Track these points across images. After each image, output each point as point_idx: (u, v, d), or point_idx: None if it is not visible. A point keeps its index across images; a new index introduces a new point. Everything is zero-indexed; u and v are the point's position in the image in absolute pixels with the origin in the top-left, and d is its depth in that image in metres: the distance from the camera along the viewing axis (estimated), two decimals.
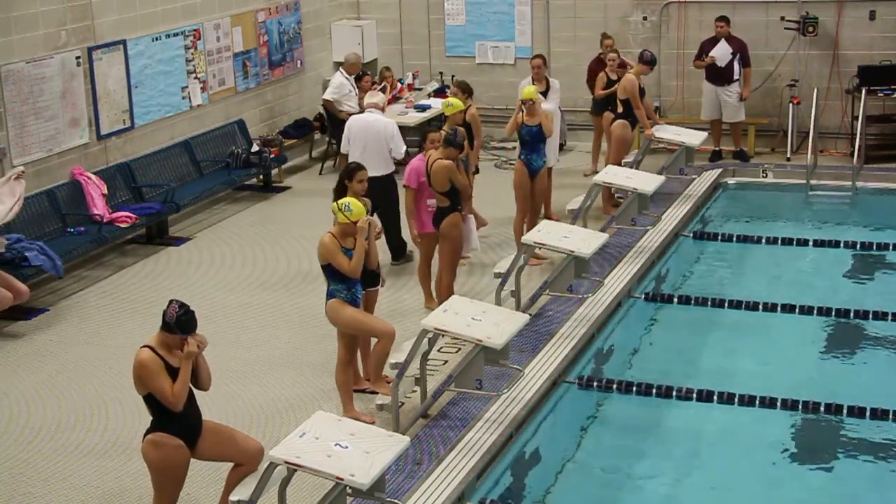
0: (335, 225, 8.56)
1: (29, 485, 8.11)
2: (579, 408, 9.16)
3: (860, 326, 10.46)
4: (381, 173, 11.72)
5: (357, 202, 8.49)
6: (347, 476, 6.51)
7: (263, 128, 15.94)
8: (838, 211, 14.32)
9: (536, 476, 8.39)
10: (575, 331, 9.95)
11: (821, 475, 8.38)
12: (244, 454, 7.11)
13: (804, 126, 15.11)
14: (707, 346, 10.46)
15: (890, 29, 15.51)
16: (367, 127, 11.98)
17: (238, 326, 10.75)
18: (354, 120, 12.30)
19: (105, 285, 11.93)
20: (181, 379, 6.82)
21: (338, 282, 8.50)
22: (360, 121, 12.17)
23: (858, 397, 8.85)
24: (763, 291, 11.18)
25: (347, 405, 8.72)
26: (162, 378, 6.79)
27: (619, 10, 16.54)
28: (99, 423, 8.96)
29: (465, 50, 17.37)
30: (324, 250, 8.45)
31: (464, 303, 8.91)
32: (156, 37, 13.79)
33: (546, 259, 11.83)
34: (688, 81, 16.22)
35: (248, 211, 14.46)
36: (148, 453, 6.93)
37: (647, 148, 13.95)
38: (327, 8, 17.42)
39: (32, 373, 9.92)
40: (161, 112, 13.94)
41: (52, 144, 12.27)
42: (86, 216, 12.25)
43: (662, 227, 12.51)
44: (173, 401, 6.79)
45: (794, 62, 15.77)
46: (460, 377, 8.58)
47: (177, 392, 6.79)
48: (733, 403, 8.88)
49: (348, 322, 8.56)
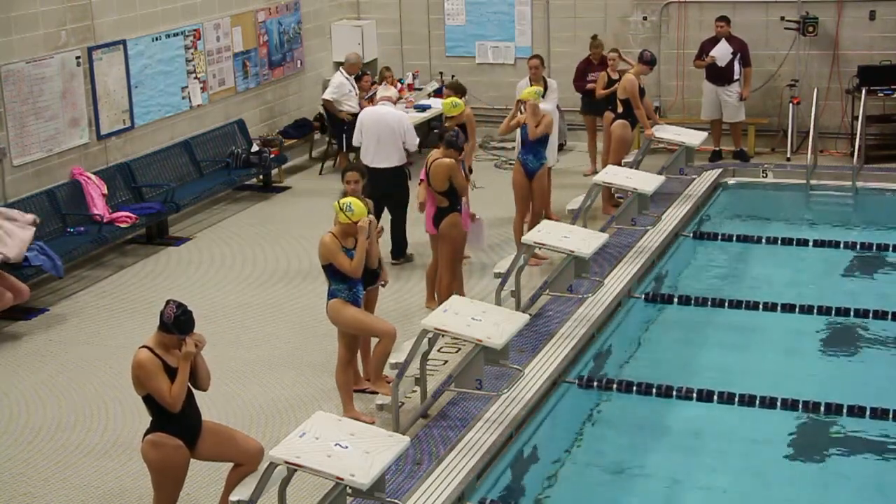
0: (336, 224, 8.56)
1: (29, 485, 8.11)
2: (579, 408, 9.16)
3: (860, 326, 10.45)
4: (393, 164, 11.93)
5: (358, 202, 8.48)
6: (347, 476, 6.51)
7: (263, 128, 15.94)
8: (838, 211, 14.31)
9: (536, 476, 8.39)
10: (575, 331, 9.95)
11: (821, 475, 8.38)
12: (244, 454, 7.11)
13: (804, 126, 15.11)
14: (707, 346, 10.46)
15: (890, 29, 15.51)
16: (380, 119, 12.11)
17: (238, 326, 10.75)
18: (367, 112, 12.46)
19: (105, 285, 11.93)
20: (179, 380, 6.81)
21: (339, 282, 8.50)
22: (373, 113, 12.31)
23: (858, 397, 8.85)
24: (763, 291, 11.18)
25: (347, 405, 8.72)
26: (160, 379, 6.78)
27: (619, 10, 16.54)
28: (99, 423, 8.96)
29: (465, 50, 17.37)
30: (324, 250, 8.45)
31: (464, 303, 8.91)
32: (156, 37, 13.79)
33: (546, 259, 11.83)
34: (688, 81, 16.22)
35: (248, 211, 14.46)
36: (147, 454, 6.93)
37: (647, 148, 13.95)
38: (327, 8, 17.42)
39: (32, 373, 9.92)
40: (161, 112, 13.94)
41: (52, 144, 12.27)
42: (86, 216, 12.25)
43: (662, 227, 12.50)
44: (171, 402, 6.79)
45: (794, 62, 15.77)
46: (460, 377, 8.58)
47: (174, 393, 6.79)
48: (733, 403, 8.87)
49: (350, 322, 8.56)
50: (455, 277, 10.58)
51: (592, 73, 15.09)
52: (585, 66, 15.32)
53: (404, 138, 12.06)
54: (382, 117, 12.13)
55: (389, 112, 12.27)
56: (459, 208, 10.43)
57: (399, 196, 12.01)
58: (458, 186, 10.28)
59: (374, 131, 12.03)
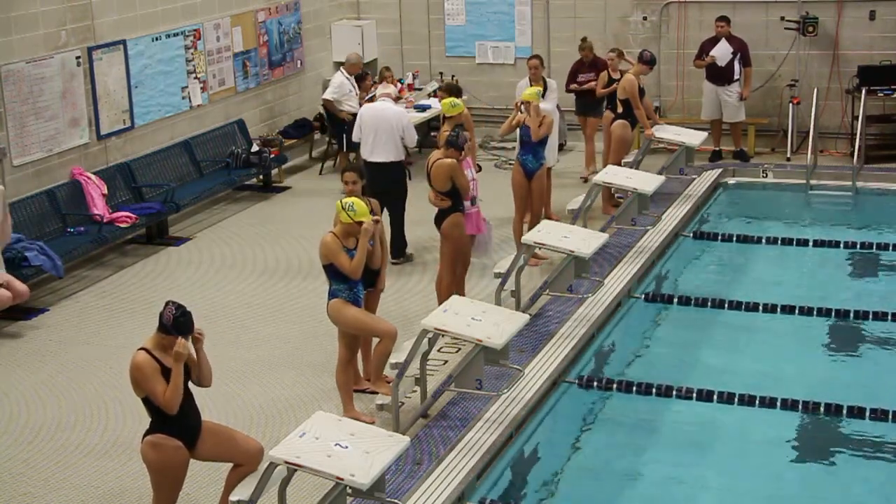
0: (337, 224, 8.55)
1: (29, 485, 8.11)
2: (579, 408, 9.16)
3: (860, 326, 10.45)
4: (391, 159, 12.04)
5: (360, 202, 8.47)
6: (347, 476, 6.51)
7: (263, 128, 15.94)
8: (838, 211, 14.31)
9: (536, 476, 8.39)
10: (575, 331, 9.95)
11: (821, 475, 8.38)
12: (244, 454, 7.11)
13: (804, 126, 15.11)
14: (707, 346, 10.46)
15: (890, 29, 15.51)
16: (379, 115, 12.27)
17: (238, 326, 10.74)
18: (367, 108, 12.68)
19: (105, 285, 11.93)
20: (172, 383, 6.78)
21: (339, 282, 8.50)
22: (372, 109, 12.50)
23: (858, 397, 8.85)
24: (763, 291, 11.17)
25: (347, 405, 8.72)
26: (155, 381, 6.77)
27: (619, 10, 16.54)
28: (99, 423, 8.96)
29: (465, 50, 17.37)
30: (325, 250, 8.44)
31: (464, 303, 8.91)
32: (156, 37, 13.79)
33: (546, 259, 11.83)
34: (688, 81, 16.22)
35: (248, 211, 14.46)
36: (147, 454, 6.92)
37: (647, 148, 13.95)
38: (327, 8, 17.42)
39: (32, 373, 9.92)
40: (161, 112, 13.94)
41: (52, 144, 12.27)
42: (86, 216, 12.25)
43: (662, 227, 12.50)
44: (164, 404, 6.78)
45: (794, 62, 15.78)
46: (460, 377, 8.58)
47: (168, 396, 6.77)
48: (733, 403, 8.88)
49: (350, 322, 8.55)
50: (455, 278, 10.55)
51: (584, 73, 15.09)
52: (577, 68, 15.30)
53: (402, 134, 12.15)
54: (381, 112, 12.28)
55: (389, 108, 12.41)
56: (462, 209, 10.42)
57: (397, 192, 12.04)
58: (459, 187, 10.27)
59: (373, 126, 12.18)
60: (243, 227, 13.73)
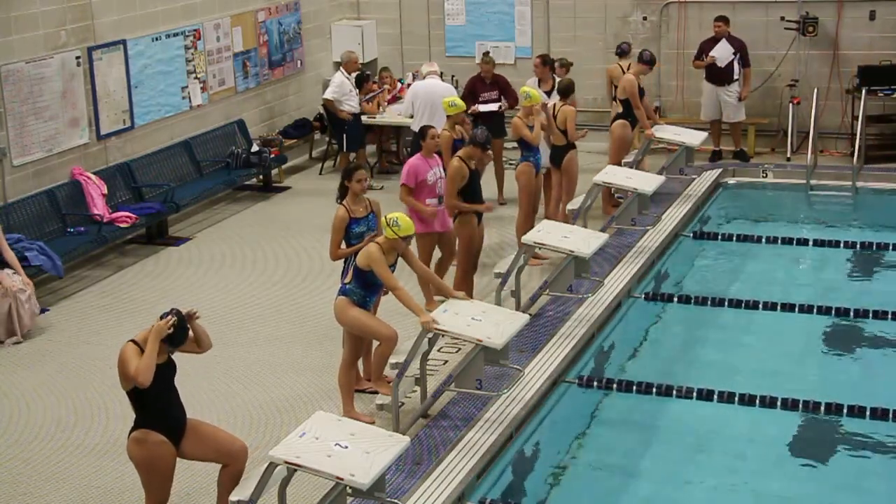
0: (382, 237, 8.44)
1: (29, 485, 8.11)
2: (579, 407, 9.17)
3: (860, 326, 10.46)
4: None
5: (405, 217, 8.40)
6: (347, 476, 6.51)
7: (263, 128, 15.94)
8: (838, 211, 14.31)
9: (536, 476, 8.39)
10: (575, 331, 9.95)
11: (821, 475, 8.38)
12: (228, 455, 7.06)
13: (804, 126, 15.10)
14: (707, 346, 10.47)
15: (890, 29, 15.51)
16: (431, 90, 13.48)
17: (238, 326, 10.74)
18: (418, 85, 13.85)
19: (105, 285, 11.93)
20: (147, 354, 6.74)
21: (360, 286, 8.47)
22: (425, 85, 13.70)
23: (858, 397, 8.85)
24: (763, 291, 11.18)
25: (348, 405, 8.72)
26: (134, 360, 6.76)
27: (619, 10, 16.54)
28: (99, 423, 8.96)
29: (465, 50, 17.36)
30: (369, 258, 8.30)
31: (464, 303, 8.91)
32: (156, 37, 13.79)
33: (546, 259, 11.83)
34: (688, 81, 16.22)
35: (248, 211, 14.46)
36: (132, 451, 6.91)
37: (647, 148, 13.95)
38: (327, 8, 17.42)
39: (32, 373, 9.92)
40: (161, 112, 13.94)
41: (52, 144, 12.27)
42: (86, 216, 12.25)
43: (662, 227, 12.50)
44: (135, 374, 6.71)
45: (793, 62, 15.78)
46: (460, 377, 8.58)
47: (140, 366, 6.70)
48: (733, 402, 8.88)
49: (352, 322, 8.54)
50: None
51: (484, 92, 14.15)
52: (476, 86, 14.14)
53: None
54: (434, 88, 13.51)
55: (439, 83, 13.71)
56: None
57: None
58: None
59: (428, 100, 13.31)
60: (243, 227, 13.73)
